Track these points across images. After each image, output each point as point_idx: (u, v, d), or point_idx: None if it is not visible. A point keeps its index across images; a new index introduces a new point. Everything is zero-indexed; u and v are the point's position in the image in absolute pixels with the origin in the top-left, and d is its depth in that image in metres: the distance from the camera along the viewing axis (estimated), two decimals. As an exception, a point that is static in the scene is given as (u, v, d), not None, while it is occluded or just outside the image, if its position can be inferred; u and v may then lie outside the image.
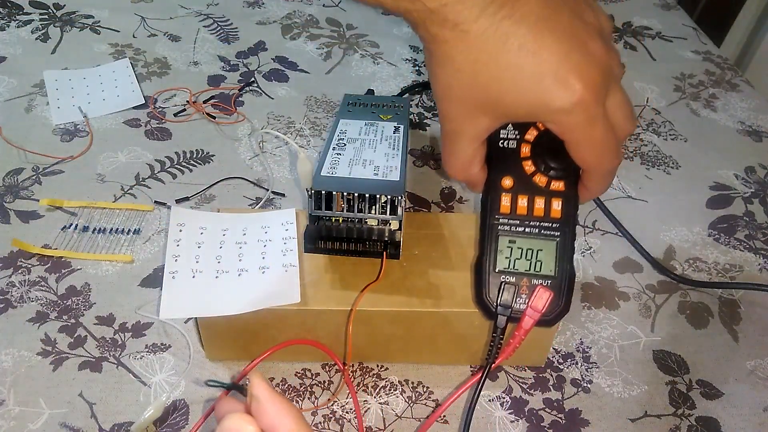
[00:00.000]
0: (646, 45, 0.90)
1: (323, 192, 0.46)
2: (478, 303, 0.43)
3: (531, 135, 0.42)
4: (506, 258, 0.42)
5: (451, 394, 0.48)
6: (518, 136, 0.42)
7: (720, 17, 1.20)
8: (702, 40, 0.92)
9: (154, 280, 0.55)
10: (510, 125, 0.42)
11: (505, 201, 0.42)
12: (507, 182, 0.42)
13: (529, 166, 0.42)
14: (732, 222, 0.64)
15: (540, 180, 0.42)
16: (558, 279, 0.42)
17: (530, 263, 0.42)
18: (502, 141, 0.42)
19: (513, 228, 0.42)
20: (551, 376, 0.50)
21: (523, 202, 0.42)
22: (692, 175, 0.69)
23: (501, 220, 0.42)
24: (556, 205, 0.42)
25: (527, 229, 0.42)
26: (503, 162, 0.42)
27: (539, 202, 0.42)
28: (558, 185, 0.42)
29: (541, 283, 0.42)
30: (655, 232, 0.63)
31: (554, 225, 0.42)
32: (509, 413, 0.48)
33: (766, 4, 1.14)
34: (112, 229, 0.59)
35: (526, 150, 0.42)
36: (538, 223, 0.42)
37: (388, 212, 0.46)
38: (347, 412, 0.47)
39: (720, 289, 0.58)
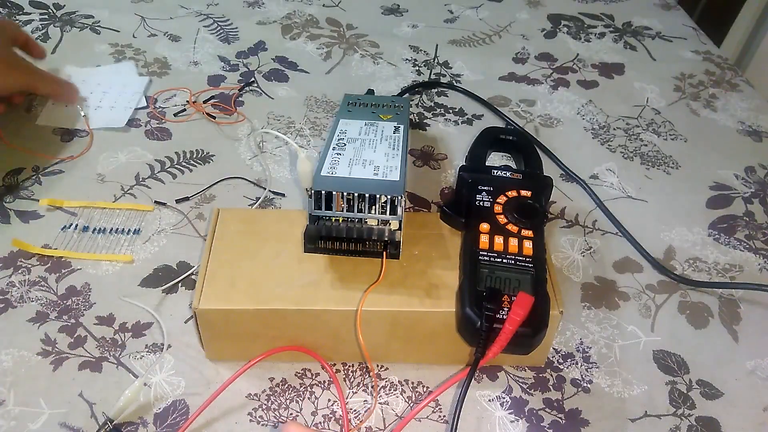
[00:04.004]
0: (646, 45, 0.90)
1: (323, 192, 0.46)
2: (462, 315, 0.44)
3: (501, 200, 0.50)
4: (487, 285, 0.45)
5: (433, 391, 0.48)
6: (492, 200, 0.50)
7: (720, 17, 1.20)
8: (702, 40, 0.92)
9: (154, 280, 0.55)
10: (484, 193, 0.50)
11: (484, 239, 0.47)
12: (484, 226, 0.48)
13: (502, 218, 0.49)
14: (732, 222, 0.64)
15: (512, 228, 0.48)
16: (536, 301, 0.43)
17: (509, 289, 0.44)
18: (478, 202, 0.50)
19: (492, 259, 0.46)
20: (551, 376, 0.50)
21: (499, 240, 0.47)
22: (692, 175, 0.69)
23: (481, 253, 0.46)
24: (528, 244, 0.47)
25: (504, 261, 0.46)
26: (480, 214, 0.49)
27: (513, 242, 0.47)
28: (528, 233, 0.48)
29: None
30: (655, 232, 0.63)
31: (528, 259, 0.46)
32: (509, 413, 0.48)
33: (766, 4, 1.14)
34: (112, 229, 0.59)
35: (498, 209, 0.49)
36: (513, 257, 0.46)
37: (388, 212, 0.46)
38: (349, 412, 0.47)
39: (720, 289, 0.58)
